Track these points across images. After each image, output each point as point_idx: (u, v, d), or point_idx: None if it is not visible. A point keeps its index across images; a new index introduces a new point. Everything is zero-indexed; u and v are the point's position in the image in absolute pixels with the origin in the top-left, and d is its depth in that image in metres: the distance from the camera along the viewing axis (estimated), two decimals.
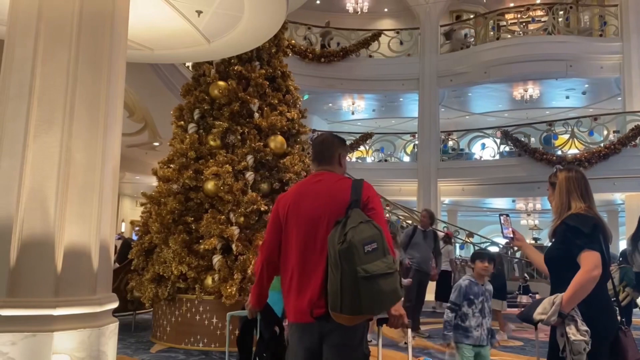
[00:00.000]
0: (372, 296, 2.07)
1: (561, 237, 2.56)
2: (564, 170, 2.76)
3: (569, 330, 2.35)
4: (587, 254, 2.43)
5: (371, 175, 15.44)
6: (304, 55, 15.67)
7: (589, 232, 2.47)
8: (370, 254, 2.11)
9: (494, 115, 18.60)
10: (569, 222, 2.54)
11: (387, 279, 2.10)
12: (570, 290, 2.40)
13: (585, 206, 2.58)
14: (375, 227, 2.19)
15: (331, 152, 2.58)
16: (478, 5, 18.31)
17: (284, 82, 7.41)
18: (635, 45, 14.47)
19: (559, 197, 2.68)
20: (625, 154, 13.50)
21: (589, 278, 2.38)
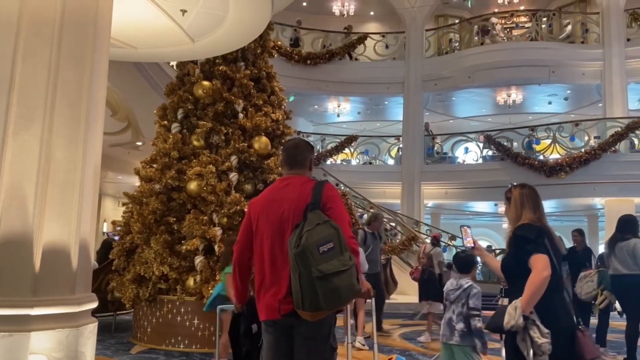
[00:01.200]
0: (329, 293, 2.26)
1: (513, 247, 2.84)
2: (517, 186, 3.03)
3: (532, 334, 2.55)
4: (535, 257, 2.67)
5: (356, 177, 15.52)
6: (289, 56, 15.67)
7: (535, 238, 2.73)
8: (326, 254, 2.27)
9: (477, 120, 18.78)
10: (517, 232, 2.83)
11: (341, 275, 2.27)
12: (526, 293, 2.61)
13: (535, 217, 2.84)
14: (332, 227, 2.34)
15: (304, 156, 2.73)
16: (463, 10, 18.47)
17: (269, 83, 7.41)
18: (616, 52, 14.72)
19: (513, 211, 2.94)
20: (606, 160, 13.70)
21: (540, 279, 2.60)
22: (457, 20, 17.99)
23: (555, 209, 18.33)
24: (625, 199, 13.63)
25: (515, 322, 2.56)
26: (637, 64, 14.65)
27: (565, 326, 2.68)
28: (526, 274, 2.65)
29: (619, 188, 13.66)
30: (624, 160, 13.84)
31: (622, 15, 14.96)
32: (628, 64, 14.66)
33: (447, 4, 17.95)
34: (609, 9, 14.98)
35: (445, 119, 18.14)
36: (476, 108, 18.11)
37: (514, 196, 2.96)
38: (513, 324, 2.57)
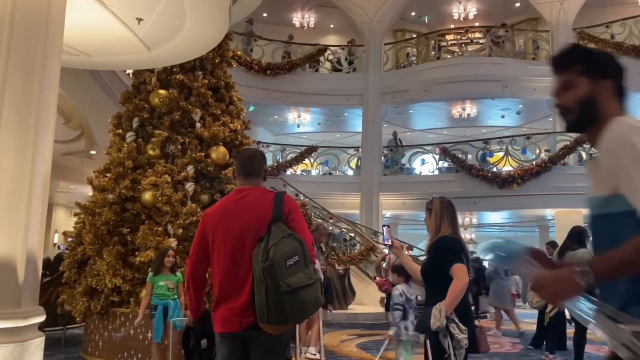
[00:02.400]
0: (295, 307, 2.25)
1: (434, 255, 3.19)
2: (438, 199, 3.32)
3: (452, 330, 2.87)
4: (457, 266, 3.03)
5: (315, 188, 15.58)
6: (249, 66, 15.65)
7: (456, 250, 3.11)
8: (292, 267, 2.27)
9: (434, 132, 19.18)
10: (439, 243, 3.16)
11: (308, 289, 2.27)
12: (449, 296, 2.96)
13: (451, 230, 3.17)
14: (296, 239, 2.35)
15: (260, 167, 2.72)
16: (420, 25, 18.91)
17: (227, 93, 7.39)
18: None
19: (434, 221, 3.23)
20: (555, 172, 14.22)
21: (462, 285, 2.99)
22: (414, 35, 18.41)
23: (508, 220, 18.89)
24: (574, 210, 14.13)
25: (440, 323, 2.88)
26: None
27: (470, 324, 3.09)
28: (445, 280, 3.01)
29: (569, 199, 14.14)
30: (572, 172, 14.38)
31: (571, 33, 15.63)
32: None
33: (405, 19, 18.34)
34: (558, 28, 15.64)
35: (403, 131, 18.44)
36: (433, 121, 18.51)
37: (434, 208, 3.24)
38: (438, 325, 2.88)
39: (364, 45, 17.06)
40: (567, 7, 15.37)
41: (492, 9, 17.54)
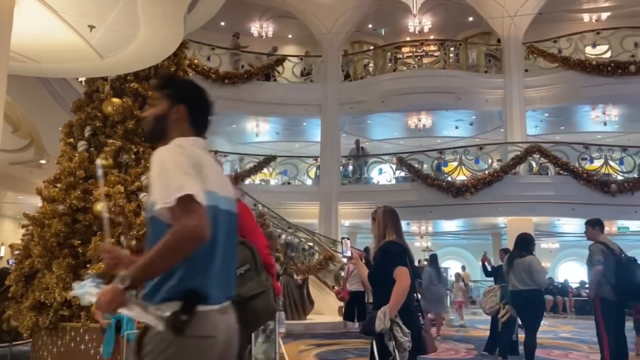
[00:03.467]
0: (248, 316, 2.22)
1: (379, 260, 3.30)
2: (381, 208, 3.49)
3: (396, 334, 2.95)
4: (399, 269, 3.17)
5: (274, 197, 15.54)
6: (207, 75, 15.53)
7: (399, 253, 3.25)
8: (243, 276, 2.26)
9: (390, 142, 19.47)
10: (384, 247, 3.30)
11: (260, 297, 2.27)
12: (392, 299, 3.09)
13: (395, 236, 3.33)
14: (248, 247, 2.34)
15: None
16: (377, 38, 19.24)
17: None
18: (515, 82, 15.91)
19: (378, 229, 3.39)
20: (507, 181, 14.67)
21: (404, 288, 3.12)
22: (371, 47, 18.69)
23: (463, 228, 19.32)
24: (525, 218, 14.63)
25: (385, 326, 2.97)
26: (534, 93, 15.90)
27: (415, 325, 3.18)
28: (390, 283, 3.13)
29: (519, 208, 14.64)
30: (523, 182, 14.89)
31: (521, 47, 16.22)
32: (526, 93, 15.88)
33: (362, 31, 18.61)
34: (509, 42, 16.21)
35: (362, 141, 18.62)
36: (390, 131, 18.80)
37: (378, 217, 3.41)
38: (383, 327, 2.97)
39: (322, 56, 17.21)
40: (518, 22, 15.95)
41: (446, 23, 18.02)
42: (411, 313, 3.22)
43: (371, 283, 3.40)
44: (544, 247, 22.06)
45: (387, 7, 16.85)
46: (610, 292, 5.76)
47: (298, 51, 18.63)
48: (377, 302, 3.24)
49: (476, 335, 10.60)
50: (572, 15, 17.30)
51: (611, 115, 16.03)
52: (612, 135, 17.49)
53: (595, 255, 5.87)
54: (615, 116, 16.09)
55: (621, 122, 16.73)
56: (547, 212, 14.91)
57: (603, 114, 16.09)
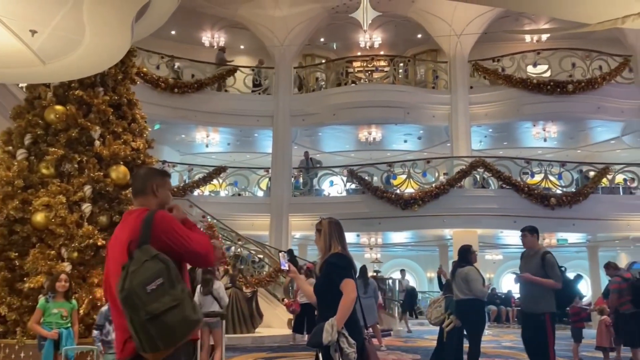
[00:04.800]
0: (162, 332, 2.16)
1: (326, 272, 3.31)
2: (326, 219, 3.48)
3: (342, 345, 2.99)
4: (346, 281, 3.21)
5: (224, 209, 15.35)
6: (156, 84, 15.25)
7: (345, 265, 3.28)
8: (155, 292, 2.17)
9: (342, 155, 19.68)
10: (331, 260, 3.30)
11: (173, 311, 2.17)
12: (340, 311, 3.11)
13: (341, 248, 3.34)
14: (161, 260, 2.23)
15: (144, 183, 2.59)
16: (329, 52, 19.47)
17: (130, 110, 7.17)
18: (461, 98, 16.44)
19: (323, 241, 3.38)
20: (453, 194, 15.07)
21: (351, 300, 3.15)
22: (323, 60, 18.90)
23: (411, 240, 19.67)
24: (470, 230, 15.06)
25: (332, 337, 3.00)
26: (478, 110, 16.46)
27: (359, 337, 3.20)
28: (336, 296, 3.16)
29: (465, 220, 15.06)
30: (468, 195, 15.34)
31: (466, 65, 16.80)
32: (471, 109, 16.42)
33: (314, 45, 18.80)
34: (455, 59, 16.75)
35: (313, 153, 18.74)
36: (341, 144, 19.00)
37: (323, 228, 3.40)
38: (330, 339, 3.00)
39: (274, 68, 17.25)
40: (464, 40, 16.53)
41: (396, 39, 18.46)
42: (356, 324, 3.26)
43: (317, 295, 3.39)
44: (488, 259, 22.77)
45: (339, 22, 17.11)
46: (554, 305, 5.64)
47: (250, 62, 18.61)
48: (323, 314, 3.23)
49: (423, 346, 10.79)
50: (514, 35, 18.08)
51: (551, 131, 16.78)
52: (552, 151, 18.32)
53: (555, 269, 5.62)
54: (554, 133, 16.85)
55: (560, 138, 17.55)
56: (490, 225, 15.39)
57: (543, 131, 16.82)
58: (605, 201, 15.17)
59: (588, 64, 15.95)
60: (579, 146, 18.54)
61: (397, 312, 16.13)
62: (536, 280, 5.58)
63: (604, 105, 15.53)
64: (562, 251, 21.98)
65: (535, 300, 5.64)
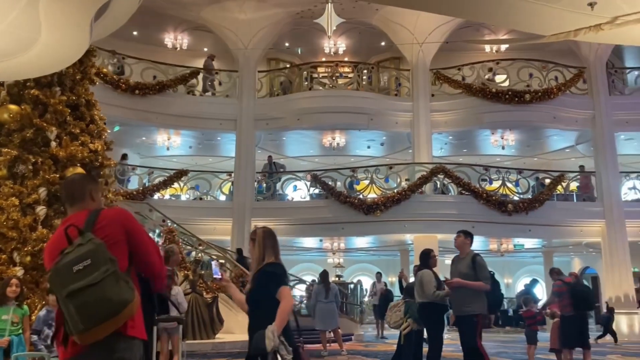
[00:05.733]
0: (82, 309, 2.18)
1: (261, 281, 3.36)
2: (261, 229, 3.54)
3: (281, 351, 3.06)
4: (284, 288, 3.29)
5: (185, 213, 15.14)
6: (116, 85, 14.95)
7: (281, 274, 3.37)
8: (82, 272, 2.20)
9: (305, 160, 19.70)
10: (267, 269, 3.36)
11: (89, 290, 2.18)
12: (278, 317, 3.17)
13: (274, 257, 3.40)
14: (94, 243, 2.27)
15: (82, 190, 2.61)
16: (294, 56, 19.50)
17: (88, 111, 7.02)
18: (423, 105, 16.71)
19: (257, 250, 3.43)
20: (414, 200, 15.31)
21: (290, 306, 3.26)
22: (287, 65, 18.91)
23: (373, 244, 19.85)
24: (430, 235, 15.28)
25: (275, 344, 3.05)
26: (439, 117, 16.78)
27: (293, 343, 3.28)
28: (273, 304, 3.22)
29: (425, 225, 15.29)
30: (429, 200, 15.60)
31: (428, 73, 17.11)
32: (432, 117, 16.73)
33: (279, 49, 18.80)
34: (417, 67, 17.04)
35: (277, 157, 18.71)
36: (305, 148, 19.03)
37: (258, 237, 3.45)
38: (273, 345, 3.04)
39: (238, 71, 17.15)
40: (426, 49, 16.84)
41: (360, 46, 18.65)
42: (290, 330, 3.35)
43: (252, 304, 3.41)
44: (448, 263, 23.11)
45: (303, 27, 17.17)
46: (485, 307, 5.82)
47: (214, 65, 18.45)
48: (258, 322, 3.24)
49: (383, 350, 10.88)
50: (475, 45, 18.53)
51: (509, 139, 17.26)
52: (510, 159, 18.83)
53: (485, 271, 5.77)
54: (512, 141, 17.34)
55: (517, 146, 18.06)
56: (450, 230, 15.57)
57: (502, 139, 17.28)
58: (560, 208, 15.69)
59: (545, 74, 16.50)
60: (536, 154, 19.12)
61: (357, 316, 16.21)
62: (466, 284, 5.75)
63: (559, 115, 16.09)
64: (518, 256, 22.63)
65: (467, 303, 5.81)
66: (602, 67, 16.61)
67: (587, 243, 16.94)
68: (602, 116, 16.13)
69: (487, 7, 4.60)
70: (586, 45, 16.09)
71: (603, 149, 16.05)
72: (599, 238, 15.82)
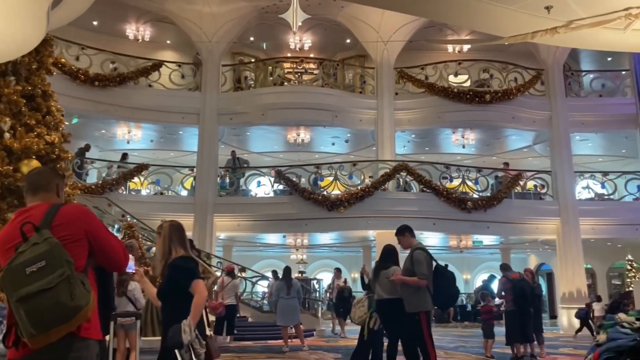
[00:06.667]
0: (33, 315, 2.12)
1: (171, 274, 3.31)
2: (167, 222, 3.52)
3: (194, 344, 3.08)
4: (197, 282, 3.25)
5: (145, 208, 14.86)
6: (75, 76, 14.53)
7: (192, 267, 3.33)
8: (35, 274, 2.12)
9: (270, 155, 19.63)
10: (177, 263, 3.32)
11: (42, 295, 2.11)
12: (193, 310, 3.15)
13: (183, 251, 3.38)
14: (49, 243, 2.19)
15: (49, 180, 2.53)
16: (259, 51, 19.38)
17: (44, 102, 6.80)
18: (387, 103, 16.88)
19: (162, 244, 3.42)
20: (377, 197, 15.45)
21: (204, 299, 3.24)
22: (252, 60, 18.78)
23: (336, 240, 19.96)
24: (392, 232, 15.21)
25: (191, 337, 3.05)
26: (403, 115, 16.98)
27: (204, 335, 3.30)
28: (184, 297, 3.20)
29: (388, 222, 15.36)
30: (391, 197, 15.78)
31: (392, 72, 17.27)
32: (396, 115, 16.90)
33: (244, 43, 18.65)
34: (382, 66, 17.19)
35: (240, 153, 18.58)
36: (269, 144, 18.95)
37: (163, 232, 3.43)
38: (190, 339, 3.04)
39: (201, 65, 16.93)
40: (390, 47, 17.00)
41: (325, 43, 18.68)
42: (202, 322, 3.36)
43: (163, 299, 3.40)
44: None
45: (269, 22, 17.06)
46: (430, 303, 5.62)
47: (176, 57, 18.16)
48: (169, 316, 3.25)
49: (344, 345, 10.97)
50: (438, 45, 18.83)
51: (469, 139, 17.62)
52: (470, 157, 19.24)
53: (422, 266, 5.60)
54: (472, 140, 17.71)
55: (477, 145, 18.47)
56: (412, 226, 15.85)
57: (462, 138, 17.63)
58: (517, 206, 16.12)
59: (504, 75, 16.91)
60: (495, 153, 19.58)
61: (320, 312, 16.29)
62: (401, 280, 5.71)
63: (518, 115, 16.53)
64: (477, 253, 23.17)
65: (408, 300, 5.73)
66: (559, 69, 17.13)
67: (542, 240, 17.48)
68: (558, 117, 16.65)
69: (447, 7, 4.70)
70: (545, 48, 16.57)
71: (559, 149, 16.58)
72: (554, 235, 16.34)
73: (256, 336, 12.53)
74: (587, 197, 17.18)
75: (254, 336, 12.51)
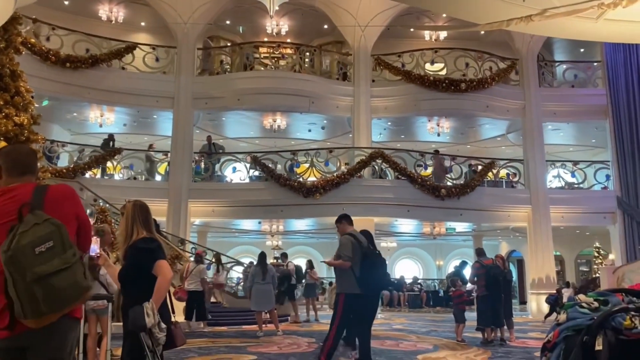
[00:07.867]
0: (48, 296, 2.13)
1: (133, 257, 3.19)
2: (130, 202, 3.36)
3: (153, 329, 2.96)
4: (160, 262, 3.13)
5: (118, 193, 14.63)
6: (45, 56, 14.15)
7: (155, 248, 3.18)
8: (44, 254, 2.15)
9: (245, 141, 19.50)
10: (139, 244, 3.19)
11: (61, 274, 2.15)
12: (156, 293, 3.05)
13: (146, 232, 3.24)
14: (53, 224, 2.22)
15: (35, 162, 2.59)
16: (235, 35, 19.14)
17: (13, 82, 6.62)
18: (363, 91, 16.89)
19: (125, 225, 3.28)
20: (353, 184, 15.51)
21: (168, 280, 3.13)
22: (228, 44, 18.55)
23: (312, 227, 20.00)
24: (367, 219, 15.52)
25: (154, 320, 2.95)
26: (379, 103, 17.03)
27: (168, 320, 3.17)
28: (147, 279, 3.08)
29: (363, 208, 15.52)
30: (367, 184, 15.86)
31: (369, 59, 17.26)
32: (372, 102, 16.94)
33: (220, 26, 18.40)
34: (359, 52, 17.16)
35: (216, 138, 18.41)
36: (245, 130, 18.82)
37: (126, 211, 3.29)
38: (153, 322, 2.94)
39: (176, 47, 16.66)
40: (367, 34, 16.98)
41: (302, 28, 18.55)
42: (166, 307, 3.23)
43: (124, 281, 3.28)
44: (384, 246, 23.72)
45: (246, 5, 16.86)
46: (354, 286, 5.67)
47: (150, 40, 17.83)
48: (131, 299, 3.11)
49: (318, 330, 11.05)
50: (415, 33, 18.87)
51: (444, 127, 17.77)
52: (444, 145, 19.42)
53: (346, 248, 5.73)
54: (447, 128, 17.87)
55: (452, 133, 18.65)
56: (386, 213, 16.04)
57: (437, 126, 17.77)
58: (490, 194, 16.39)
59: (480, 64, 17.05)
60: (469, 142, 19.82)
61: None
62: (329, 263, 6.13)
63: (492, 104, 16.73)
64: (450, 239, 23.53)
65: (337, 282, 6.10)
66: (533, 59, 17.36)
67: (514, 227, 17.83)
68: (531, 107, 16.91)
69: None
70: (519, 37, 16.76)
71: (532, 138, 16.86)
72: (525, 223, 16.68)
73: (231, 321, 12.53)
74: (558, 186, 17.55)
75: (229, 321, 12.51)
